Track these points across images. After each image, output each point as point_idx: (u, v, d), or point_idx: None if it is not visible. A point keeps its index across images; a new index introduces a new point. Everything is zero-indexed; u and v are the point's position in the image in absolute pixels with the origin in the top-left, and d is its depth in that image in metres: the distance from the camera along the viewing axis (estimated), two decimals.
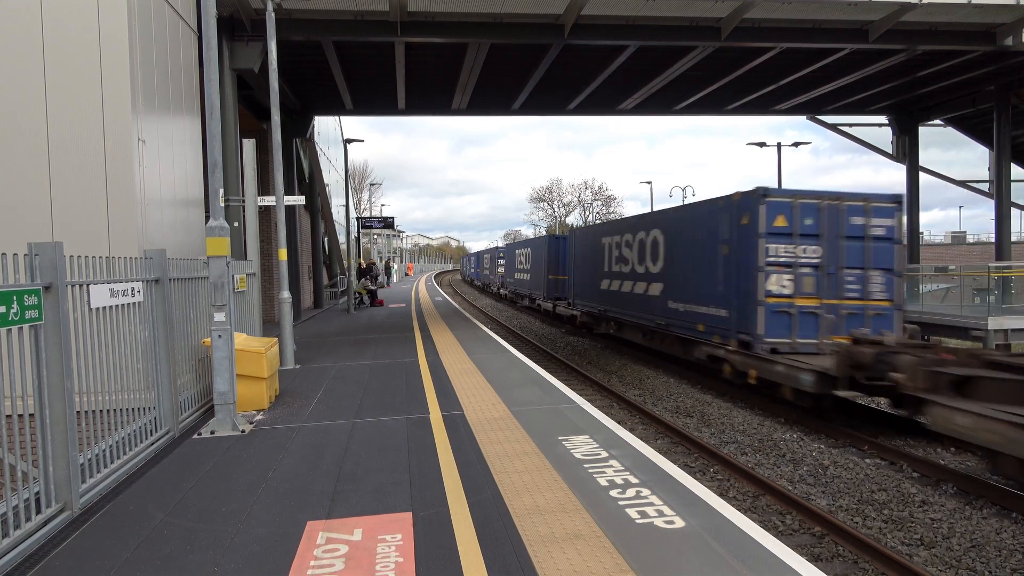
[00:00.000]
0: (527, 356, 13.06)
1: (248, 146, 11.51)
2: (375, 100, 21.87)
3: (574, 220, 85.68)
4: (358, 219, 36.61)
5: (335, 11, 13.93)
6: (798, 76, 19.21)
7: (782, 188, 14.72)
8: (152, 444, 6.36)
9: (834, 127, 25.80)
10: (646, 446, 6.19)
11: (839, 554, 6.24)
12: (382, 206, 79.48)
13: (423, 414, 7.66)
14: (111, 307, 5.63)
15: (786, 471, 8.59)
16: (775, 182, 34.47)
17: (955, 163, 68.58)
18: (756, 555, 3.92)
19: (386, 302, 27.94)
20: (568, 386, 9.74)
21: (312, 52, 16.58)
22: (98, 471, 5.25)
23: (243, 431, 7.09)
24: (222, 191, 7.49)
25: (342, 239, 32.94)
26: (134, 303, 6.10)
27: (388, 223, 37.15)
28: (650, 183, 74.46)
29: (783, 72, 19.07)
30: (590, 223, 78.63)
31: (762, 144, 35.75)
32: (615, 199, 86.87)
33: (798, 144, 35.52)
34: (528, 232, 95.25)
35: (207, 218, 7.89)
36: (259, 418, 7.71)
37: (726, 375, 12.55)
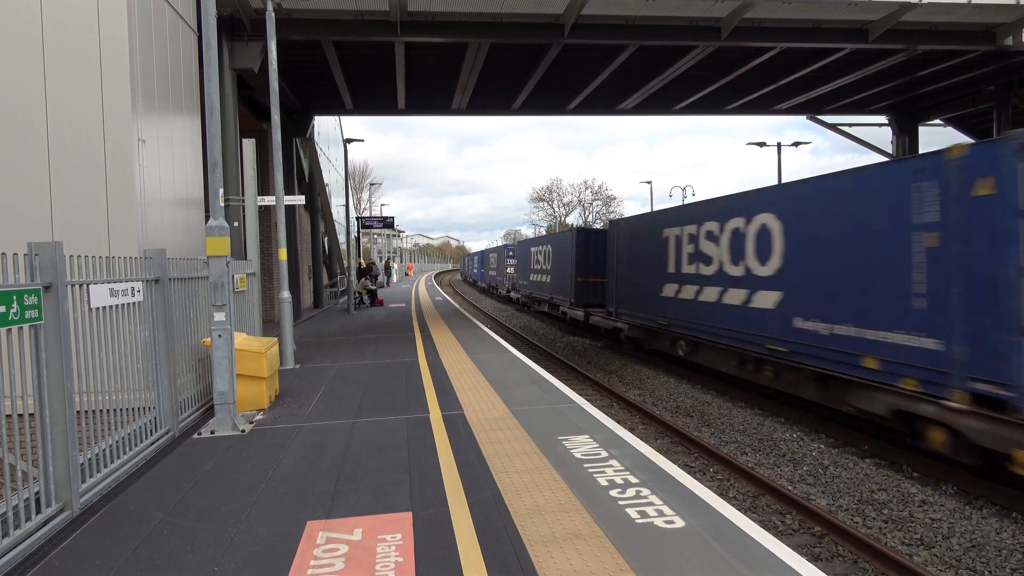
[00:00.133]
0: (527, 356, 13.06)
1: (248, 146, 11.52)
2: (375, 100, 21.86)
3: (574, 220, 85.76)
4: (358, 219, 36.62)
5: (335, 11, 13.92)
6: (798, 76, 19.20)
7: None
8: (152, 444, 6.36)
9: (834, 127, 25.79)
10: (646, 446, 6.19)
11: (839, 554, 6.24)
12: (382, 206, 79.56)
13: (423, 414, 7.67)
14: (111, 307, 5.63)
15: (786, 471, 8.59)
16: (775, 182, 34.44)
17: None
18: (756, 555, 3.92)
19: (386, 302, 27.94)
20: (568, 386, 9.74)
21: (312, 52, 16.58)
22: (98, 471, 5.25)
23: (243, 431, 7.09)
24: (222, 191, 7.49)
25: (342, 239, 32.94)
26: (134, 303, 6.10)
27: (388, 223, 37.18)
28: (650, 183, 74.51)
29: (783, 72, 19.07)
30: (627, 216, 77.75)
31: (762, 144, 35.79)
32: (615, 199, 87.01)
33: (798, 144, 35.56)
34: (528, 232, 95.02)
35: (207, 218, 7.90)
36: (259, 418, 7.71)
37: (935, 446, 7.98)
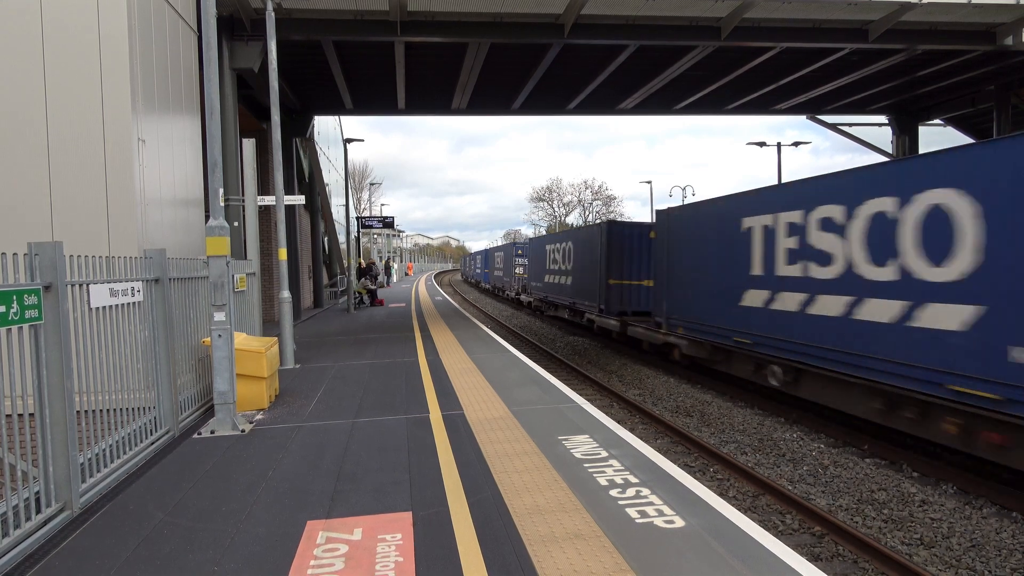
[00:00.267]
0: (527, 356, 13.06)
1: (248, 146, 11.52)
2: (375, 100, 21.85)
3: (574, 220, 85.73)
4: (358, 219, 36.63)
5: (335, 11, 13.92)
6: (798, 76, 19.20)
7: None
8: (152, 444, 6.36)
9: (834, 127, 25.78)
10: (646, 446, 6.19)
11: (839, 554, 6.24)
12: (382, 206, 79.57)
13: (423, 414, 7.67)
14: (111, 307, 5.63)
15: (786, 471, 8.59)
16: (774, 182, 34.45)
17: None
18: (756, 555, 3.92)
19: (386, 302, 27.94)
20: (568, 385, 9.75)
21: (312, 52, 16.57)
22: (98, 471, 5.25)
23: (243, 431, 7.09)
24: (222, 191, 7.49)
25: (342, 239, 32.94)
26: (134, 303, 6.10)
27: (388, 223, 37.18)
28: (650, 183, 74.56)
29: (783, 72, 19.07)
30: (682, 203, 77.57)
31: (762, 144, 35.78)
32: (615, 199, 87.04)
33: (798, 144, 35.56)
34: (528, 232, 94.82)
35: (207, 218, 7.90)
36: (259, 418, 7.71)
37: None
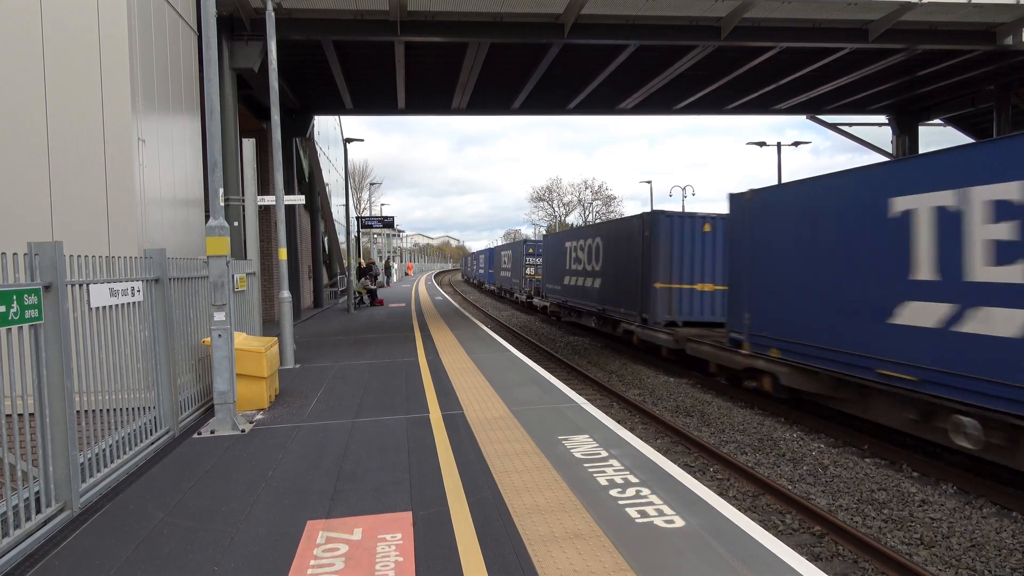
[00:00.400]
0: (527, 355, 13.06)
1: (248, 146, 11.52)
2: (375, 100, 21.85)
3: (574, 220, 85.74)
4: (358, 218, 36.67)
5: (335, 10, 13.92)
6: (798, 76, 19.20)
7: None
8: (152, 444, 6.36)
9: (834, 127, 25.79)
10: (646, 445, 6.19)
11: (839, 553, 6.24)
12: (382, 205, 79.57)
13: (423, 413, 7.67)
14: (111, 307, 5.63)
15: (786, 470, 8.59)
16: (775, 182, 34.45)
17: None
18: (756, 554, 3.92)
19: (386, 302, 27.94)
20: (568, 385, 9.74)
21: (312, 52, 16.57)
22: (98, 470, 5.25)
23: (243, 430, 7.09)
24: (222, 191, 7.49)
25: (342, 238, 32.94)
26: (134, 303, 6.10)
27: (388, 222, 37.23)
28: (650, 183, 74.70)
29: (783, 71, 19.07)
30: (775, 183, 77.11)
31: (762, 144, 35.80)
32: (615, 199, 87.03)
33: (798, 144, 35.58)
34: (528, 232, 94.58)
35: (207, 218, 7.90)
36: (259, 417, 7.71)
37: None
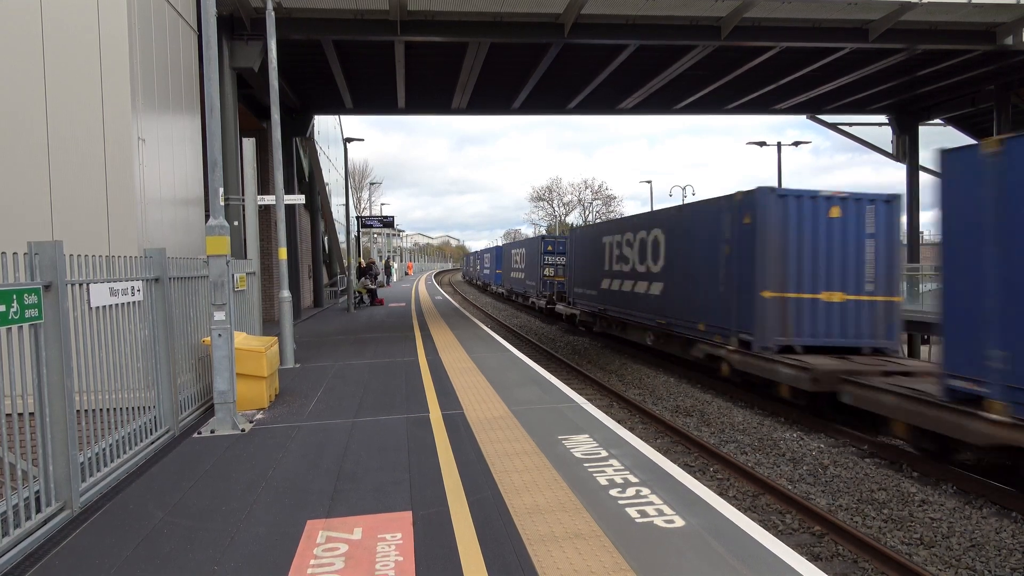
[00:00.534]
0: (526, 355, 13.06)
1: (248, 145, 11.51)
2: (375, 99, 21.85)
3: (574, 219, 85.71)
4: (358, 218, 36.69)
5: (335, 10, 13.92)
6: (798, 75, 19.19)
7: None
8: (152, 443, 6.36)
9: (834, 126, 25.80)
10: (646, 445, 6.19)
11: (839, 553, 6.24)
12: (382, 205, 79.52)
13: (423, 413, 7.67)
14: (111, 306, 5.63)
15: (786, 470, 8.59)
16: (775, 182, 34.47)
17: None
18: (756, 554, 3.92)
19: (386, 301, 27.94)
20: (568, 385, 9.74)
21: (312, 51, 16.57)
22: (98, 470, 5.25)
23: (243, 430, 7.09)
24: (222, 190, 7.48)
25: (342, 238, 32.94)
26: (134, 302, 6.09)
27: (388, 222, 37.28)
28: (650, 183, 74.74)
29: (783, 71, 19.06)
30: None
31: (762, 143, 35.80)
32: (615, 198, 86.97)
33: (798, 143, 35.57)
34: (528, 232, 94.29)
35: (207, 217, 7.89)
36: (259, 417, 7.71)
37: None
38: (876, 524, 6.88)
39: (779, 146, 35.23)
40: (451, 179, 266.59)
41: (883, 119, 24.91)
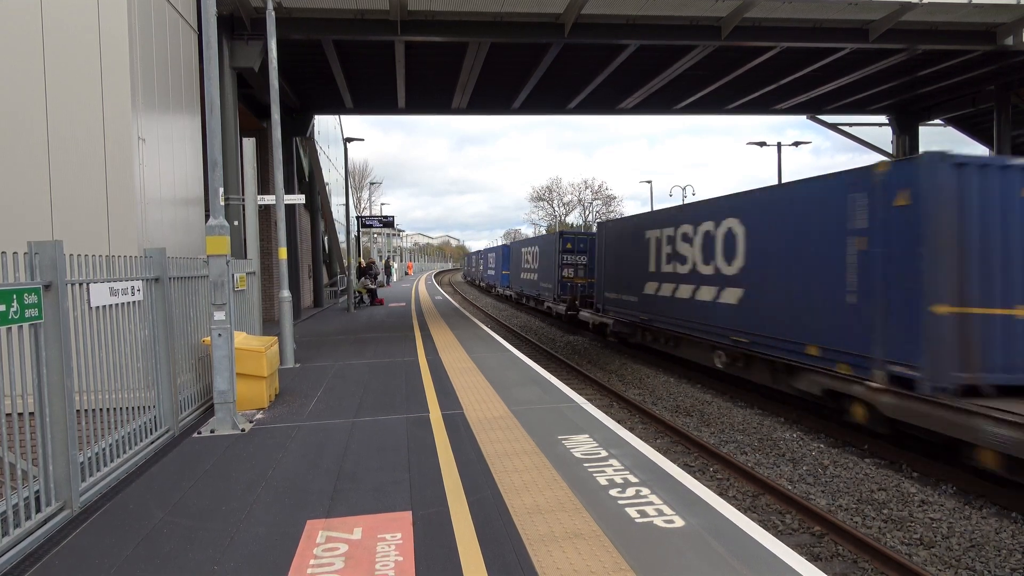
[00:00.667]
0: (526, 355, 13.06)
1: (248, 145, 11.52)
2: (375, 99, 21.85)
3: (574, 219, 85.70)
4: (358, 218, 36.68)
5: (335, 10, 13.92)
6: (798, 76, 19.19)
7: None
8: (152, 443, 6.36)
9: (834, 127, 25.79)
10: (646, 445, 6.19)
11: (839, 553, 6.24)
12: (382, 205, 79.55)
13: (423, 413, 7.67)
14: (111, 306, 5.63)
15: (786, 470, 8.59)
16: (775, 182, 34.46)
17: None
18: (756, 554, 3.92)
19: (386, 301, 27.94)
20: (568, 385, 9.74)
21: (312, 51, 16.57)
22: (98, 470, 5.25)
23: (243, 430, 7.09)
24: (222, 190, 7.48)
25: (342, 238, 32.94)
26: (134, 302, 6.10)
27: (388, 222, 37.26)
28: (650, 183, 74.77)
29: (783, 71, 19.06)
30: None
31: (762, 144, 35.82)
32: (615, 198, 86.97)
33: (798, 144, 35.60)
34: (528, 232, 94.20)
35: (207, 217, 7.89)
36: (259, 417, 7.71)
37: None
38: (876, 524, 6.88)
39: (779, 146, 35.25)
40: (451, 179, 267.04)
41: (883, 119, 24.91)
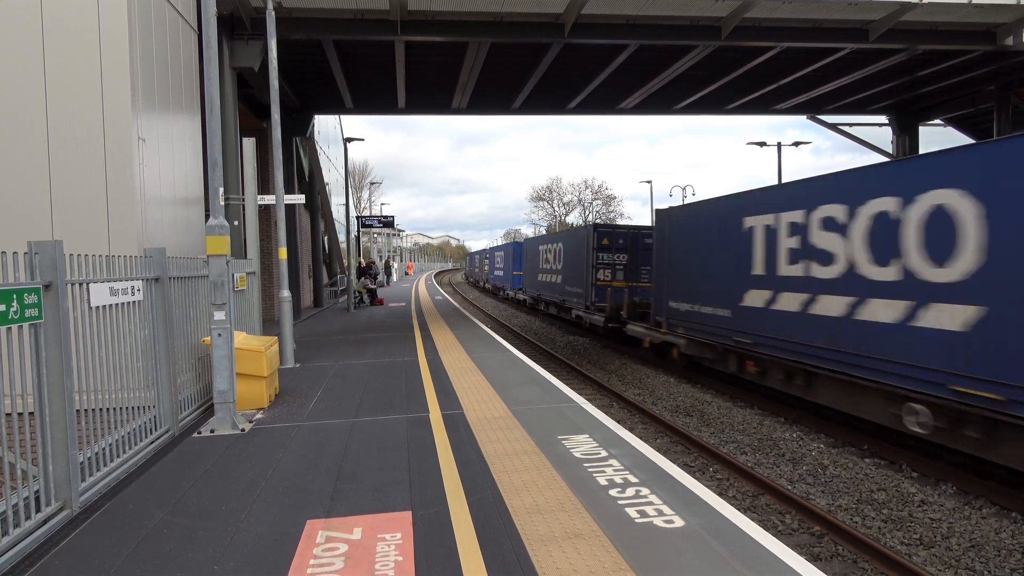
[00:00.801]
0: (526, 355, 13.06)
1: (248, 144, 11.52)
2: (375, 99, 21.85)
3: (574, 220, 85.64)
4: (358, 218, 36.65)
5: (335, 10, 13.92)
6: (798, 76, 19.19)
7: None
8: (152, 443, 6.36)
9: (834, 127, 25.78)
10: (645, 445, 6.19)
11: (838, 553, 6.24)
12: (382, 205, 79.52)
13: (423, 413, 7.67)
14: (111, 306, 5.63)
15: (785, 470, 8.59)
16: (775, 182, 34.45)
17: None
18: (755, 554, 3.92)
19: (386, 301, 27.94)
20: (568, 385, 9.74)
21: (312, 51, 16.57)
22: (98, 469, 5.25)
23: (243, 430, 7.09)
24: (222, 190, 7.48)
25: (342, 238, 32.94)
26: (134, 302, 6.09)
27: (388, 222, 37.21)
28: (650, 183, 74.74)
29: (783, 71, 19.06)
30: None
31: (762, 144, 35.81)
32: (615, 198, 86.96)
33: (798, 144, 35.59)
34: (528, 231, 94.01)
35: (207, 217, 7.89)
36: (259, 417, 7.71)
37: None
38: (876, 524, 6.88)
39: (779, 146, 35.24)
40: (451, 179, 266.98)
41: (883, 119, 24.91)
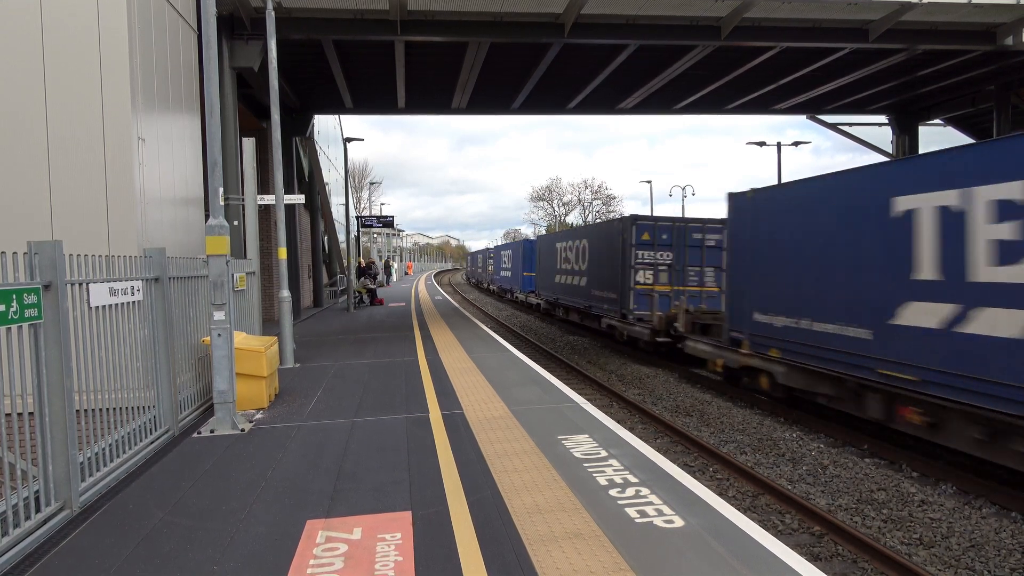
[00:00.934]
0: (526, 355, 13.06)
1: (248, 145, 11.51)
2: (375, 99, 21.85)
3: (574, 219, 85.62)
4: (358, 218, 36.69)
5: (335, 10, 13.92)
6: (798, 75, 19.20)
7: None
8: (152, 443, 6.36)
9: (834, 127, 25.78)
10: (645, 445, 6.19)
11: (838, 553, 6.24)
12: (382, 205, 79.42)
13: (423, 413, 7.67)
14: (111, 306, 5.63)
15: (785, 470, 8.59)
16: (775, 182, 34.46)
17: None
18: (755, 554, 3.92)
19: (386, 301, 27.94)
20: (568, 385, 9.74)
21: (312, 51, 16.57)
22: (97, 470, 5.25)
23: (243, 430, 7.09)
24: (222, 190, 7.48)
25: (342, 238, 32.94)
26: (134, 302, 6.09)
27: (388, 222, 37.25)
28: (650, 183, 74.85)
29: (783, 71, 19.06)
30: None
31: (762, 144, 35.82)
32: (615, 198, 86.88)
33: (798, 143, 35.59)
34: (528, 231, 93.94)
35: (207, 217, 7.89)
36: (259, 417, 7.71)
37: None
38: (876, 524, 6.88)
39: (779, 146, 35.25)
40: (451, 179, 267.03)
41: (883, 119, 24.91)
